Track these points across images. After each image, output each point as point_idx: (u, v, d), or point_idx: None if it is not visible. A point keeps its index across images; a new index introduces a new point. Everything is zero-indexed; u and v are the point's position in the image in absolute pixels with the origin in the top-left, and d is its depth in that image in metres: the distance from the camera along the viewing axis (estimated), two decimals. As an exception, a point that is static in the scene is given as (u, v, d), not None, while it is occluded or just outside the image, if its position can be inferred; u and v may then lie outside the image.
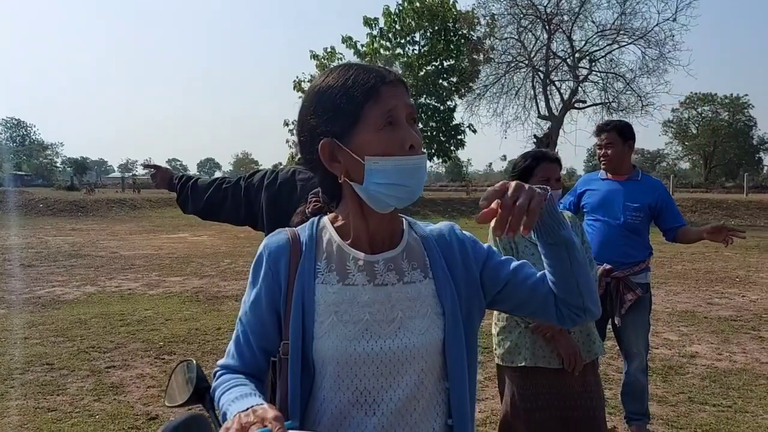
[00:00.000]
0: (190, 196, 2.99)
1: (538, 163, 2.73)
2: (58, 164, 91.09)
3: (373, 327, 1.12)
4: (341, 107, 1.10)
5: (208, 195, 2.92)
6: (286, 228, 1.24)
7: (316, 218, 1.25)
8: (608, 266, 3.52)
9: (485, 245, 1.28)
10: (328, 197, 1.22)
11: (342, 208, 1.20)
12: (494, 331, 2.79)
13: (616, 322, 3.56)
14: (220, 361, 1.23)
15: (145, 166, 3.23)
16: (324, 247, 1.19)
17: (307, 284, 1.15)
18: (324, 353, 1.11)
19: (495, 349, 2.78)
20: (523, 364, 2.63)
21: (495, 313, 2.82)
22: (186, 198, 3.00)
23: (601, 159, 3.72)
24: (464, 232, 1.28)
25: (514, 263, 1.25)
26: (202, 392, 1.18)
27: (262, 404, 1.01)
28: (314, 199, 1.29)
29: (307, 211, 1.93)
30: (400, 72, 31.62)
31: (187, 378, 1.22)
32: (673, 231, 3.70)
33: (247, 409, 0.99)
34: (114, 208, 26.00)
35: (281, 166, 3.13)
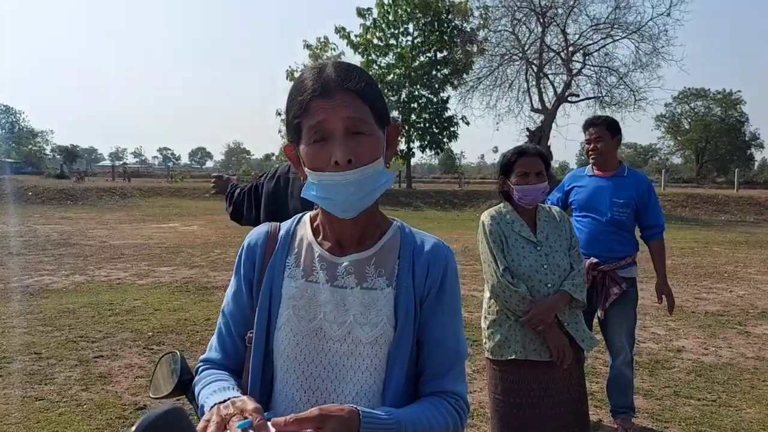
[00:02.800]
0: (228, 205, 3.17)
1: (518, 158, 2.74)
2: (47, 152, 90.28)
3: (326, 327, 1.13)
4: (289, 119, 1.13)
5: (234, 201, 3.11)
6: (271, 222, 1.27)
7: (300, 214, 1.28)
8: (595, 260, 3.54)
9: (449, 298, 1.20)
10: None
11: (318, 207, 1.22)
12: (484, 324, 2.80)
13: (599, 315, 3.59)
14: (202, 356, 1.25)
15: (214, 176, 3.45)
16: (297, 243, 1.22)
17: (276, 277, 1.18)
18: (278, 346, 1.14)
19: (485, 343, 2.79)
20: (513, 357, 2.65)
21: (485, 306, 2.83)
22: (227, 207, 3.18)
23: (590, 153, 3.72)
24: (456, 269, 1.23)
25: (437, 335, 1.18)
26: (186, 384, 1.20)
27: (240, 396, 1.03)
28: None
29: None
30: (393, 62, 31.43)
31: (171, 369, 1.23)
32: (649, 238, 3.71)
33: (226, 400, 1.00)
34: (104, 197, 25.83)
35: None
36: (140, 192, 28.01)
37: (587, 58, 27.31)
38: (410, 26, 32.19)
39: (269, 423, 0.94)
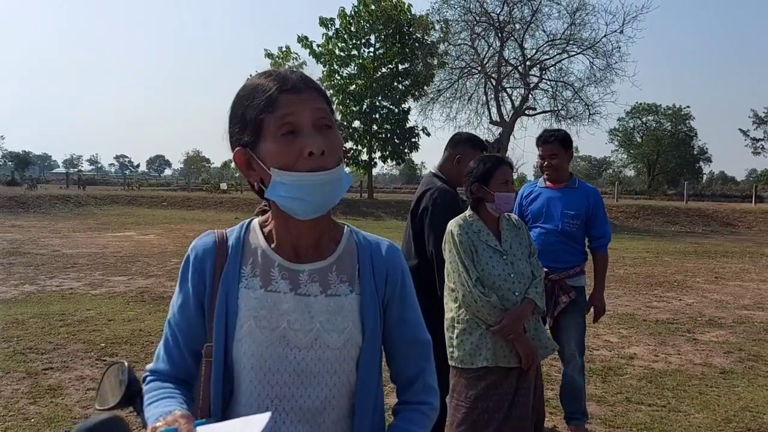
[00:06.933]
0: None
1: (497, 167, 2.79)
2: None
3: (290, 335, 1.13)
4: (246, 116, 1.11)
5: None
6: (215, 229, 1.24)
7: (247, 221, 1.25)
8: (545, 269, 3.63)
9: (410, 289, 1.26)
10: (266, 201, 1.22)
11: (271, 213, 1.20)
12: (453, 334, 2.77)
13: (548, 322, 3.67)
14: (150, 366, 1.22)
15: None
16: (250, 251, 1.19)
17: (231, 288, 1.16)
18: (240, 357, 1.13)
19: (452, 352, 2.77)
20: (483, 364, 2.67)
21: (453, 315, 2.79)
22: None
23: (545, 169, 3.82)
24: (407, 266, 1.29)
25: (407, 331, 1.25)
26: (133, 395, 1.18)
27: (173, 411, 1.04)
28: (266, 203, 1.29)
29: (255, 213, 1.96)
30: (355, 73, 31.55)
31: (119, 380, 1.20)
32: (594, 249, 3.85)
33: (159, 417, 1.03)
34: (57, 205, 25.06)
35: None
36: (95, 200, 27.31)
37: (544, 72, 27.98)
38: (372, 38, 32.38)
39: (198, 428, 0.96)
